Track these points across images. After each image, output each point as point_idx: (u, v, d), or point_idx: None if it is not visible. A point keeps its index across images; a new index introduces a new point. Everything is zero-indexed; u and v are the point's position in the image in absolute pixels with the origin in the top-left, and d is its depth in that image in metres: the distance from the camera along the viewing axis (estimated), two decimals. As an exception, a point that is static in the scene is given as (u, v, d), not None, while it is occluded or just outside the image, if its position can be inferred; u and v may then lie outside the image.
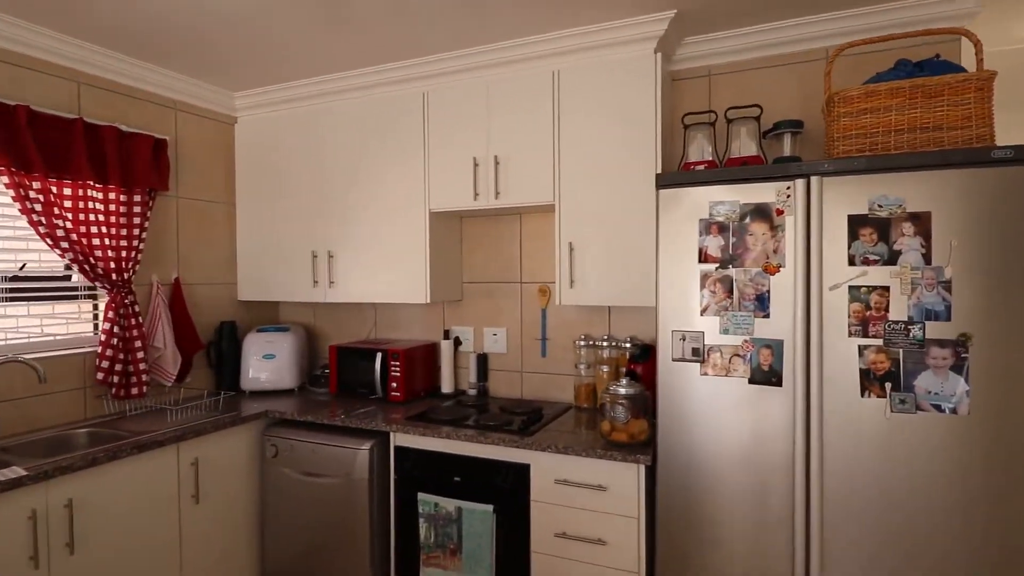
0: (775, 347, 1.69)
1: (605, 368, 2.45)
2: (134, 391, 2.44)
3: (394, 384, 2.60)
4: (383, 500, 2.33)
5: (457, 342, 2.82)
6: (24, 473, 1.69)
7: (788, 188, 1.67)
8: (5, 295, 2.18)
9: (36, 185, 2.13)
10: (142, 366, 2.45)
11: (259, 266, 2.95)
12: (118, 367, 2.38)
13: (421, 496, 2.22)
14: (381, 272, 2.64)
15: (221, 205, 2.95)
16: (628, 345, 2.43)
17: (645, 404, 2.00)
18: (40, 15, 2.05)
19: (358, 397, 2.73)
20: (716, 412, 1.77)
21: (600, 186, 2.21)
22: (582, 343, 2.52)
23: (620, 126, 2.18)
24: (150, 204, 2.54)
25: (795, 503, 1.67)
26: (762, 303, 1.71)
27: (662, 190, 1.82)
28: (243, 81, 2.74)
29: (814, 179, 1.64)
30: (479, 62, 2.39)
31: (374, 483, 2.30)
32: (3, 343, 2.15)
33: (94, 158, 2.30)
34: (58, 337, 2.34)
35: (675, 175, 1.82)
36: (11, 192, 2.07)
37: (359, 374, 2.68)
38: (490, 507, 2.09)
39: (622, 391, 1.99)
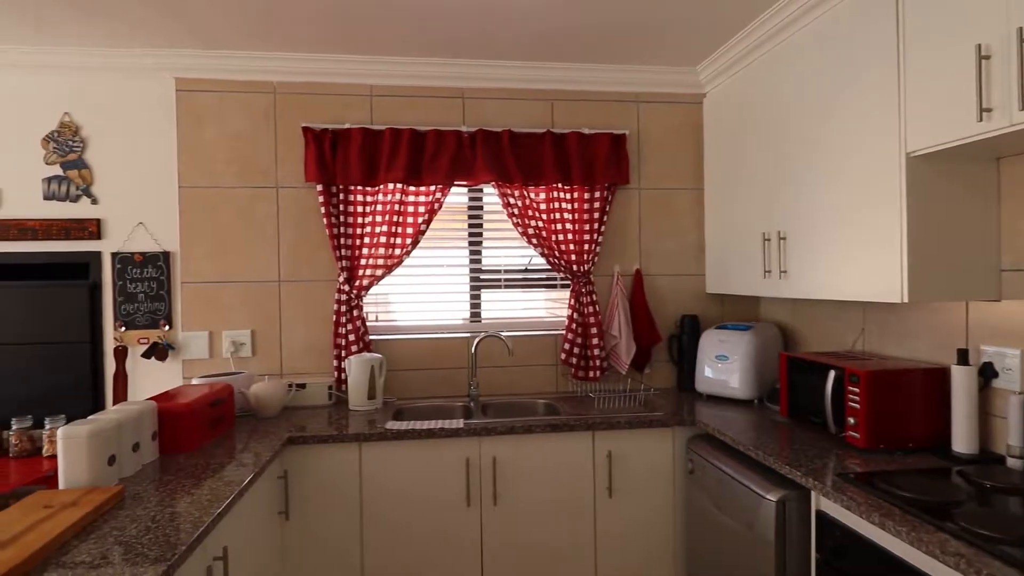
0: None
1: None
2: (591, 374, 2.62)
3: (851, 420, 1.77)
4: (801, 581, 1.63)
5: (987, 372, 1.65)
6: (460, 427, 2.09)
7: None
8: (507, 283, 2.75)
9: (516, 192, 2.58)
10: (597, 352, 2.60)
11: (722, 255, 2.61)
12: (576, 350, 2.61)
13: (843, 602, 1.42)
14: (839, 256, 1.85)
15: (688, 192, 2.77)
16: None
17: None
18: (522, 52, 2.46)
19: (807, 427, 2.01)
20: None
21: None
22: None
23: None
24: (609, 199, 2.65)
25: None
26: None
27: None
28: (701, 48, 2.47)
29: None
30: None
31: (784, 552, 1.63)
32: (494, 320, 2.72)
33: (559, 163, 2.59)
34: (545, 319, 2.77)
35: None
36: (500, 200, 2.59)
37: (809, 396, 1.97)
38: None
39: None
